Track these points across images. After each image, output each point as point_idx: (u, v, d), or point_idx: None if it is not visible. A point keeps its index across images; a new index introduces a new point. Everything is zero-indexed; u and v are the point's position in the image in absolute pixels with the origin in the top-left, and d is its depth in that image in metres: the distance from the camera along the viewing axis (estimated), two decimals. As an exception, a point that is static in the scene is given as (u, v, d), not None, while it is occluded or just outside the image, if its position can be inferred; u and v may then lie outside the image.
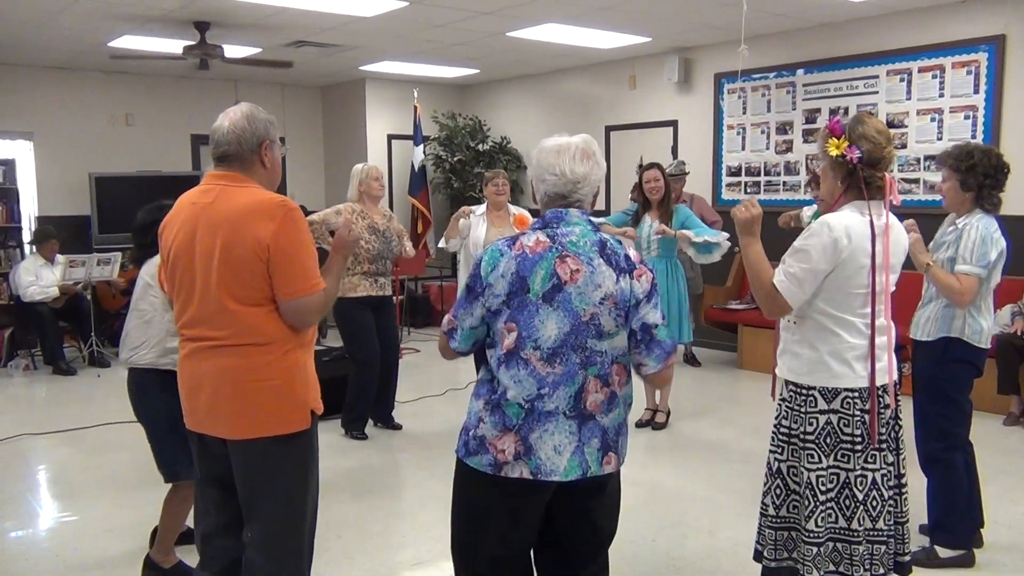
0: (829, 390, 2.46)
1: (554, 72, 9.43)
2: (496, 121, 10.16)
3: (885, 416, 2.49)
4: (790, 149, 7.42)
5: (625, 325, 2.15)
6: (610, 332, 2.12)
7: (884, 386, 2.48)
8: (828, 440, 2.46)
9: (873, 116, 2.55)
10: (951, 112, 6.39)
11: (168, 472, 3.26)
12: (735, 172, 7.87)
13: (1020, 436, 5.30)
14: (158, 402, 3.14)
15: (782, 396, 2.58)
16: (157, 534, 3.39)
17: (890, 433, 2.51)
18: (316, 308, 2.37)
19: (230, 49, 7.35)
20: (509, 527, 2.22)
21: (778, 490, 2.56)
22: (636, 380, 2.27)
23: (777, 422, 2.58)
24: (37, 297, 7.40)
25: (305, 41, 7.52)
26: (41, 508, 4.34)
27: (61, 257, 7.61)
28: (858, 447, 2.45)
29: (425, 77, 9.65)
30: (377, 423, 5.51)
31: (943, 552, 3.38)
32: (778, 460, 2.56)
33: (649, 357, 2.17)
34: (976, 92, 6.23)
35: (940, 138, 6.41)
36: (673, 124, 8.35)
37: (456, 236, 5.38)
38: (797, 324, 2.53)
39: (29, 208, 8.68)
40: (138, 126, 9.27)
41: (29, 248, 8.14)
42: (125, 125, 9.22)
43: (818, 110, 7.19)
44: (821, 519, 2.46)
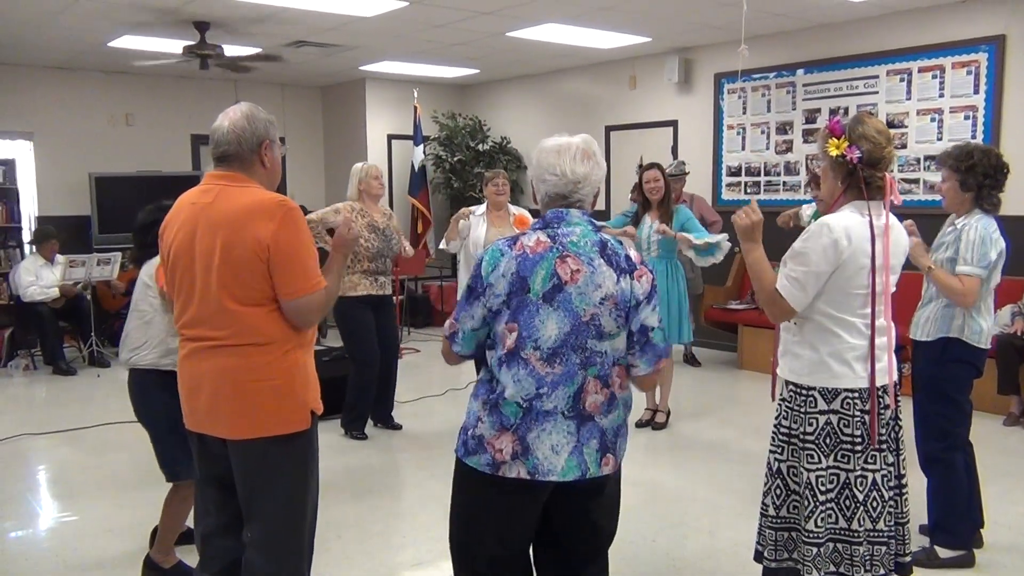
0: (829, 390, 2.46)
1: (554, 72, 9.43)
2: (496, 121, 10.15)
3: (885, 417, 2.49)
4: (790, 149, 7.42)
5: (625, 326, 2.15)
6: (611, 333, 2.12)
7: (884, 387, 2.48)
8: (828, 440, 2.46)
9: (873, 116, 2.55)
10: (951, 112, 6.39)
11: (170, 472, 3.26)
12: (735, 172, 7.87)
13: (1020, 436, 5.30)
14: (159, 403, 3.14)
15: (782, 396, 2.59)
16: (157, 534, 3.39)
17: (890, 434, 2.51)
18: (318, 307, 2.38)
19: (230, 49, 7.35)
20: (506, 527, 2.22)
21: (778, 490, 2.56)
22: (636, 381, 2.27)
23: (777, 422, 2.58)
24: (37, 297, 7.41)
25: (305, 41, 7.52)
26: (41, 508, 4.34)
27: (61, 257, 7.61)
28: (858, 448, 2.45)
29: (425, 77, 9.64)
30: (377, 423, 5.50)
31: (943, 552, 3.38)
32: (778, 460, 2.56)
33: (641, 359, 2.18)
34: (976, 92, 6.24)
35: (940, 138, 6.41)
36: (673, 124, 8.35)
37: (456, 238, 5.39)
38: (798, 325, 2.53)
39: (29, 208, 8.68)
40: (138, 126, 9.27)
41: (29, 248, 8.13)
42: (125, 125, 9.22)
43: (818, 110, 7.19)
44: (821, 519, 2.46)
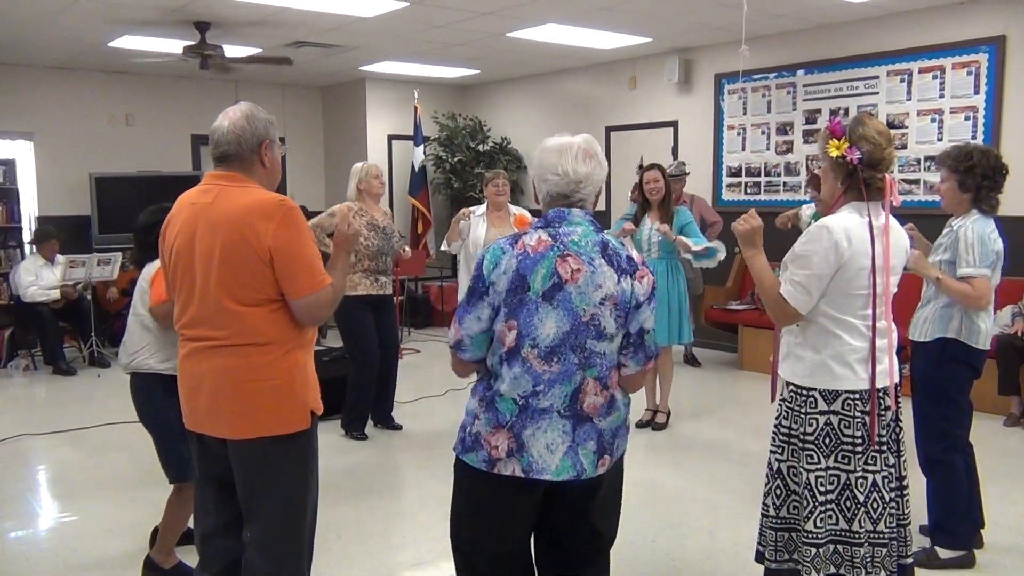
0: (830, 392, 2.46)
1: (554, 72, 9.43)
2: (496, 121, 10.15)
3: (886, 418, 2.49)
4: (790, 150, 7.42)
5: (624, 327, 2.14)
6: (611, 334, 2.12)
7: (885, 388, 2.48)
8: (827, 441, 2.46)
9: (873, 117, 2.55)
10: (951, 113, 6.38)
11: (175, 473, 3.26)
12: (735, 173, 7.86)
13: (1020, 437, 5.30)
14: (163, 406, 3.12)
15: (783, 396, 2.58)
16: (158, 534, 3.39)
17: (891, 435, 2.51)
18: (326, 304, 2.38)
19: (230, 49, 7.35)
20: (504, 524, 2.22)
21: (779, 491, 2.56)
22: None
23: (777, 422, 2.58)
24: (38, 297, 7.40)
25: (305, 41, 7.52)
26: (41, 508, 4.33)
27: (61, 257, 7.61)
28: (858, 448, 2.45)
29: (425, 77, 9.64)
30: (377, 423, 5.50)
31: (943, 553, 3.38)
32: (778, 460, 2.56)
33: (632, 359, 2.17)
34: (976, 93, 6.23)
35: (940, 139, 6.41)
36: (673, 125, 8.35)
37: (458, 239, 5.39)
38: (800, 327, 2.52)
39: (29, 208, 8.68)
40: (138, 126, 9.27)
41: (29, 248, 8.14)
42: (125, 125, 9.21)
43: (818, 111, 7.19)
44: (820, 520, 2.46)
